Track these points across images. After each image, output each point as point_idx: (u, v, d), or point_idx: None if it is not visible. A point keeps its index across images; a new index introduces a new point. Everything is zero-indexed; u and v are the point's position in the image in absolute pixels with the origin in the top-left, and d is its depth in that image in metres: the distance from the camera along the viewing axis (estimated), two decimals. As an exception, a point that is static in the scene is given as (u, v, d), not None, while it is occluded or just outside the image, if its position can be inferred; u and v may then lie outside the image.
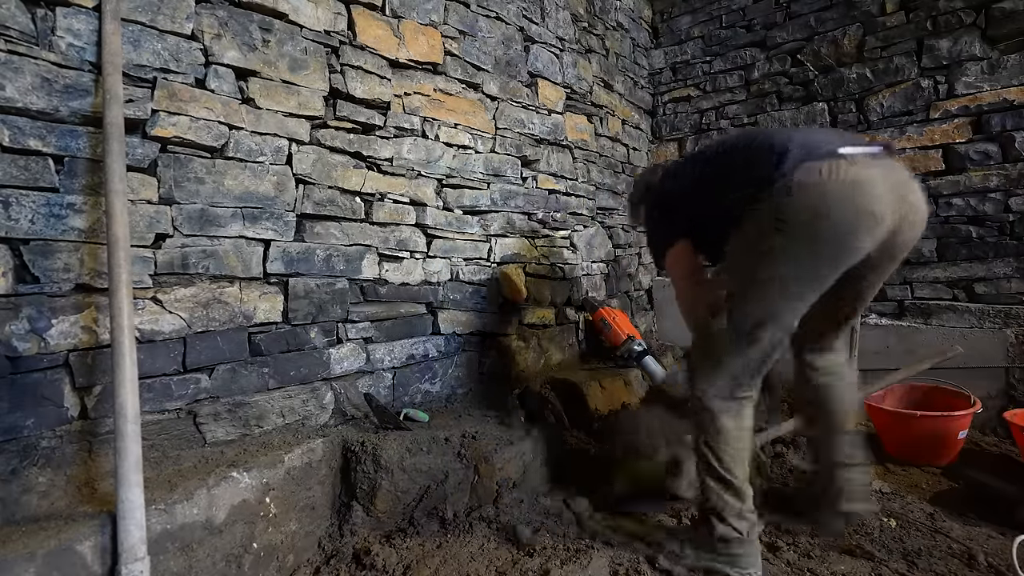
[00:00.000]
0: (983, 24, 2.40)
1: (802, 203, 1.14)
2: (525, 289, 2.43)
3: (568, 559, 1.29)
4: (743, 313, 1.25)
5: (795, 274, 1.20)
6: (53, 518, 1.05)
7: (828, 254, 1.17)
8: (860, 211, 1.13)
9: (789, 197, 1.15)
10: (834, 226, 1.13)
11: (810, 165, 1.14)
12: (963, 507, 1.68)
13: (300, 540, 1.37)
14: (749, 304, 1.25)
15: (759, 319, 1.24)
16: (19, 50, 1.13)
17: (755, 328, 1.24)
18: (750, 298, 1.25)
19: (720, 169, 1.36)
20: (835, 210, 1.13)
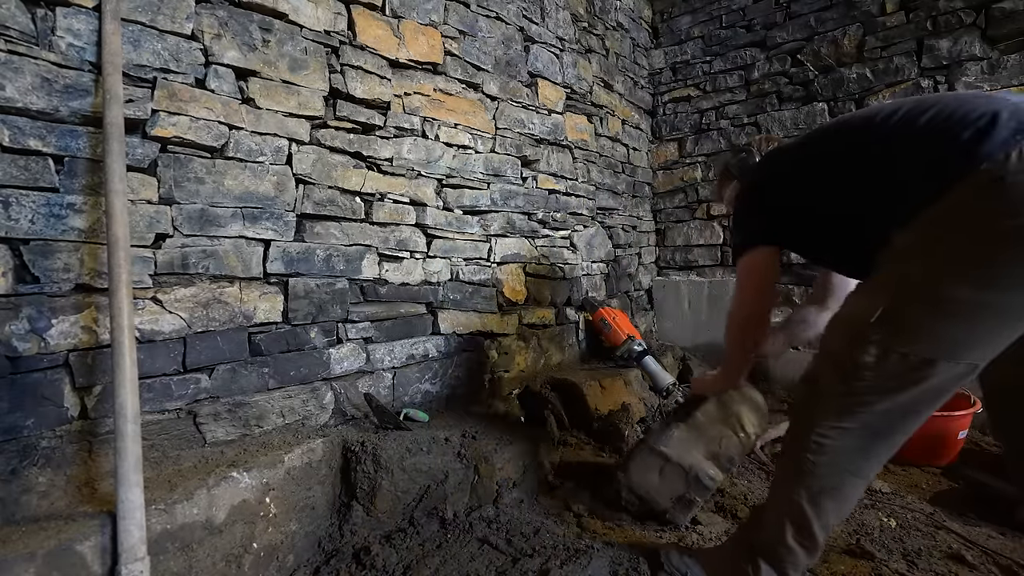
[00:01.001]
0: (983, 24, 2.40)
1: (1015, 195, 0.83)
2: (525, 289, 2.43)
3: (568, 559, 1.29)
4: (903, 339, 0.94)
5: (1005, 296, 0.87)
6: (53, 518, 1.05)
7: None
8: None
9: (998, 187, 0.84)
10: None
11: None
12: (963, 507, 1.68)
13: (300, 540, 1.37)
14: (922, 341, 0.93)
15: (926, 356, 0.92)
16: (19, 50, 1.13)
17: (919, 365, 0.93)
18: (924, 325, 0.93)
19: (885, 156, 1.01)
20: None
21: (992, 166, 0.85)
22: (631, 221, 3.29)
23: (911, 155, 0.97)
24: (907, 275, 0.95)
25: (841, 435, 1.03)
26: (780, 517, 1.11)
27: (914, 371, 0.94)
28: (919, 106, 1.00)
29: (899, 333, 0.94)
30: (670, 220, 3.49)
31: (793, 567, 1.11)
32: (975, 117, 0.91)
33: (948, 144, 0.91)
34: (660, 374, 2.40)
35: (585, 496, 1.68)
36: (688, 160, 3.40)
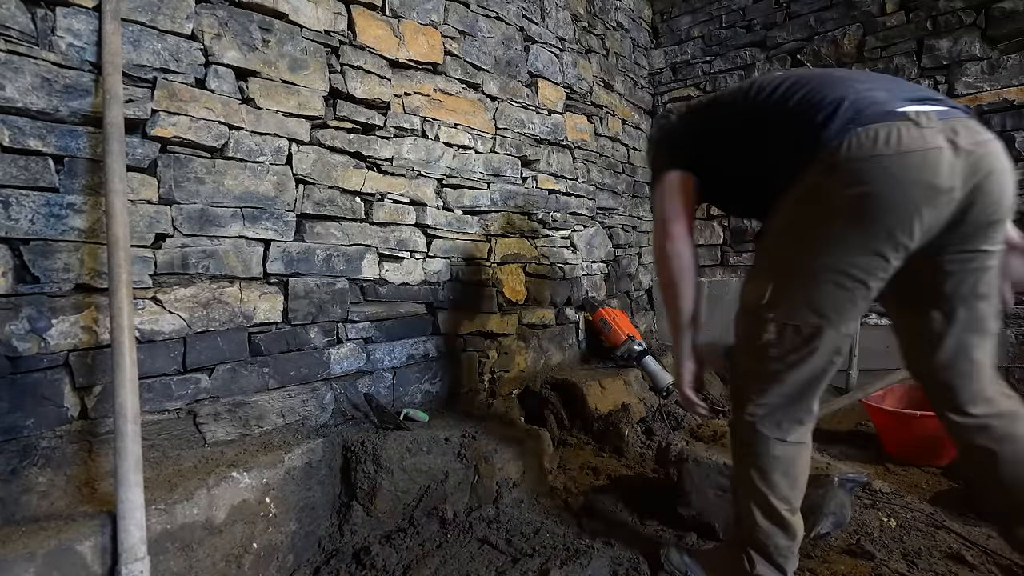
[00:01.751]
0: (983, 24, 2.41)
1: (854, 177, 0.93)
2: (525, 289, 2.43)
3: (568, 559, 1.29)
4: (789, 313, 1.04)
5: (846, 263, 0.98)
6: (53, 518, 1.05)
7: (884, 233, 0.94)
8: (926, 183, 0.92)
9: (834, 172, 0.95)
10: (894, 204, 0.92)
11: (865, 132, 0.93)
12: (963, 507, 1.68)
13: (300, 540, 1.37)
14: (788, 300, 1.04)
15: (813, 323, 1.02)
16: (19, 50, 1.13)
17: (806, 330, 1.03)
18: (794, 289, 1.04)
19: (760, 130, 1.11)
20: (894, 185, 0.92)
21: (828, 153, 0.96)
22: (631, 221, 3.29)
23: (783, 132, 1.07)
24: (779, 253, 1.09)
25: (766, 410, 1.12)
26: (747, 504, 1.17)
27: (808, 341, 1.04)
28: (796, 84, 1.08)
29: (786, 308, 1.05)
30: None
31: (776, 550, 1.15)
32: (826, 103, 0.99)
33: (805, 127, 1.00)
34: (660, 374, 2.40)
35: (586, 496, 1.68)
36: (688, 160, 3.39)
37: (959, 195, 0.95)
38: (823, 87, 1.03)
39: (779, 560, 1.16)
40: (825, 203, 0.98)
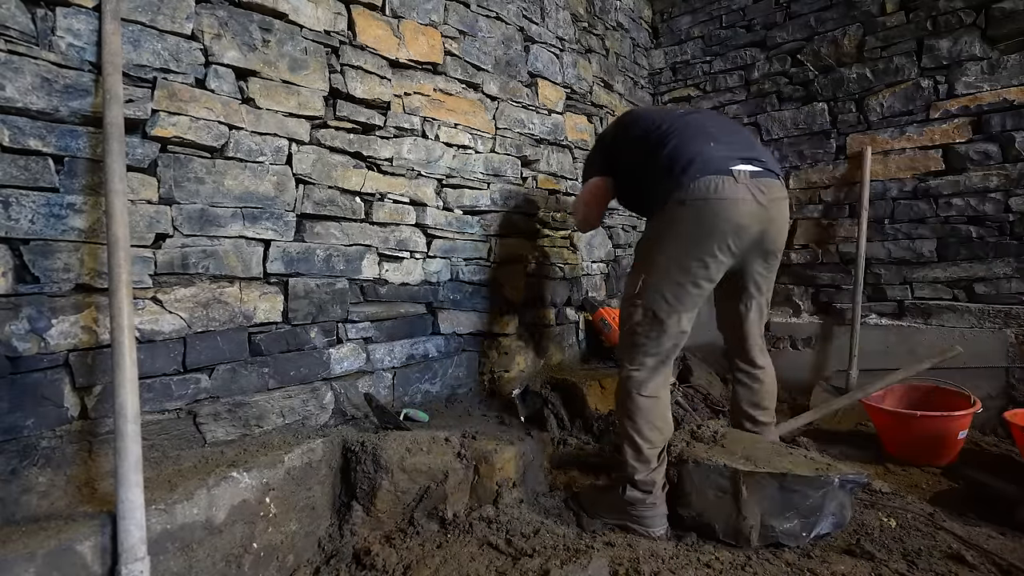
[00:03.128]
0: (983, 24, 2.40)
1: (693, 211, 1.42)
2: (525, 289, 2.43)
3: (568, 559, 1.29)
4: (650, 300, 1.49)
5: (683, 266, 1.45)
6: (53, 518, 1.05)
7: (707, 252, 1.43)
8: (734, 222, 1.42)
9: (682, 207, 1.43)
10: (714, 231, 1.41)
11: (703, 180, 1.40)
12: (963, 507, 1.68)
13: (300, 540, 1.37)
14: (652, 286, 1.49)
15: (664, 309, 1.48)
16: (19, 50, 1.13)
17: (660, 314, 1.48)
18: (653, 281, 1.49)
19: (645, 161, 1.58)
20: (713, 220, 1.41)
21: (681, 192, 1.42)
22: (631, 221, 3.29)
23: (657, 168, 1.51)
24: (646, 257, 1.53)
25: (638, 372, 1.53)
26: (623, 447, 1.54)
27: (662, 323, 1.48)
28: (673, 133, 1.52)
29: (648, 296, 1.49)
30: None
31: (640, 477, 1.50)
32: (685, 157, 1.44)
33: (670, 171, 1.45)
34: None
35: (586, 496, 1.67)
36: (688, 160, 3.39)
37: (755, 231, 1.46)
38: (688, 141, 1.49)
39: (644, 488, 1.49)
40: (676, 225, 1.45)
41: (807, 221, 2.94)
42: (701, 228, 1.41)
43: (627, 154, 1.69)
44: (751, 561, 1.37)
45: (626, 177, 1.72)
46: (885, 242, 2.68)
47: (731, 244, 1.43)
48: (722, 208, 1.40)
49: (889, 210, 2.68)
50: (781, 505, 1.42)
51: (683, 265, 1.44)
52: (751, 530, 1.42)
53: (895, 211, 2.67)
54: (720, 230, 1.40)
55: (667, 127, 1.55)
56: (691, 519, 1.50)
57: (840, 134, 2.81)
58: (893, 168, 2.66)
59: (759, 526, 1.42)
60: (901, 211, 2.65)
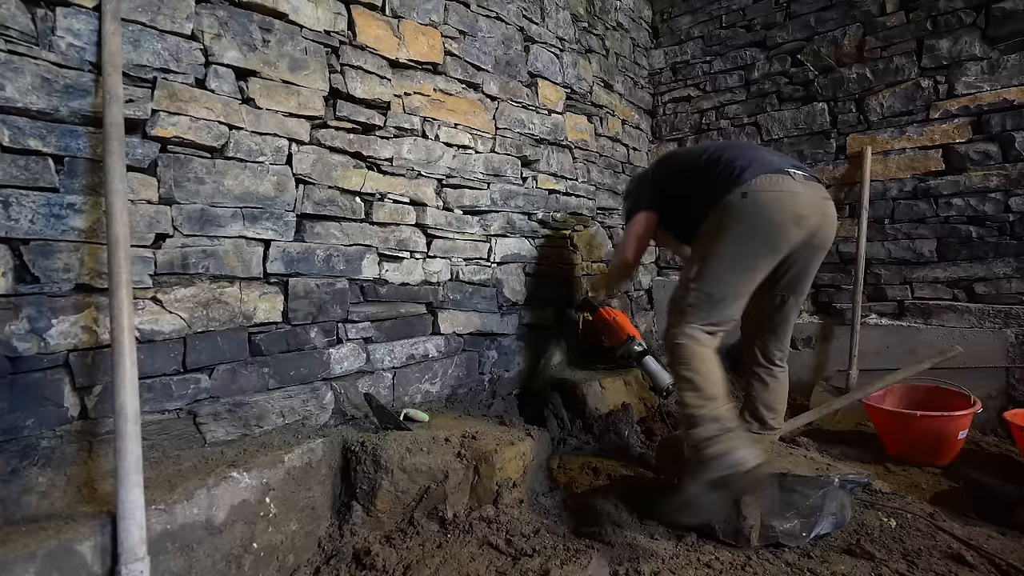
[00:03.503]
0: (983, 24, 2.40)
1: (755, 201, 1.54)
2: (525, 289, 2.43)
3: (568, 559, 1.29)
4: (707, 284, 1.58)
5: (744, 251, 1.57)
6: (53, 518, 1.05)
7: (770, 239, 1.56)
8: (793, 211, 1.54)
9: (744, 198, 1.54)
10: (776, 219, 1.54)
11: (764, 176, 1.55)
12: (963, 507, 1.68)
13: (300, 540, 1.37)
14: (709, 272, 1.58)
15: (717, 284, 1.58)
16: (19, 50, 1.13)
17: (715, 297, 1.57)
18: (710, 267, 1.59)
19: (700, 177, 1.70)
20: (777, 208, 1.54)
21: (741, 186, 1.56)
22: (631, 221, 3.29)
23: (708, 183, 1.65)
24: (706, 244, 1.62)
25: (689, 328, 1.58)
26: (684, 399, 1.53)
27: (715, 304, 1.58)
28: (717, 153, 1.69)
29: (705, 281, 1.58)
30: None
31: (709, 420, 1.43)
32: (741, 161, 1.60)
33: (728, 174, 1.60)
34: (660, 374, 2.39)
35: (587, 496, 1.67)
36: (688, 160, 3.40)
37: (813, 222, 1.58)
38: (742, 153, 1.65)
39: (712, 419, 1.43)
40: (738, 215, 1.55)
41: (807, 221, 2.94)
42: (763, 217, 1.53)
43: (676, 182, 1.82)
44: (751, 561, 1.37)
45: (675, 203, 1.83)
46: (885, 242, 2.68)
47: (791, 233, 1.54)
48: (784, 197, 1.54)
49: (889, 210, 2.68)
50: (781, 505, 1.42)
51: (744, 251, 1.56)
52: (751, 530, 1.42)
53: (895, 211, 2.67)
54: (781, 219, 1.53)
55: (715, 149, 1.72)
56: (691, 519, 1.50)
57: (840, 134, 2.81)
58: (893, 168, 2.66)
59: (759, 526, 1.43)
60: (901, 211, 2.65)
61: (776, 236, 1.54)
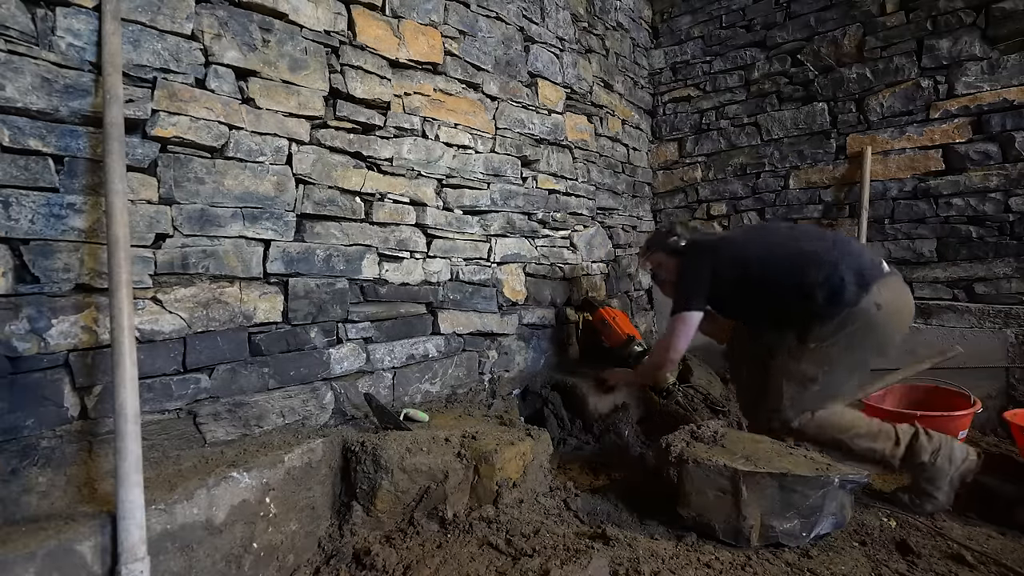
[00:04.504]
0: (983, 24, 2.40)
1: (887, 312, 1.65)
2: (525, 289, 2.43)
3: (568, 559, 1.29)
4: (832, 383, 1.72)
5: (871, 356, 1.75)
6: (53, 518, 1.05)
7: (894, 341, 1.72)
8: (910, 316, 1.74)
9: (879, 310, 1.64)
10: (902, 327, 1.72)
11: (882, 284, 1.66)
12: (963, 507, 1.68)
13: (300, 540, 1.37)
14: (837, 379, 1.72)
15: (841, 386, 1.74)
16: (19, 50, 1.13)
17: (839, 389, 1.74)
18: (838, 376, 1.72)
19: (793, 281, 1.71)
20: (906, 317, 1.73)
21: (861, 306, 1.64)
22: (631, 221, 3.29)
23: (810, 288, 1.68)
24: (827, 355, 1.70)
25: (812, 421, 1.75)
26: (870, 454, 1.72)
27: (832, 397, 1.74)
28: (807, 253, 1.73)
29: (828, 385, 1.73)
30: (670, 220, 3.49)
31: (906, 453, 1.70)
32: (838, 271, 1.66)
33: (838, 290, 1.66)
34: (660, 374, 2.39)
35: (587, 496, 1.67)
36: (688, 160, 3.40)
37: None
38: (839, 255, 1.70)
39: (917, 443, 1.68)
40: (871, 327, 1.65)
41: (807, 221, 2.94)
42: (892, 326, 1.69)
43: (749, 281, 1.79)
44: (751, 561, 1.37)
45: (745, 300, 1.84)
46: (885, 242, 2.68)
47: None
48: (904, 306, 1.72)
49: (889, 210, 2.68)
50: (781, 505, 1.42)
51: (870, 357, 1.74)
52: (751, 530, 1.42)
53: (895, 211, 2.67)
54: (904, 325, 1.73)
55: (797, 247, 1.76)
56: (691, 519, 1.50)
57: (840, 134, 2.81)
58: (893, 168, 2.66)
59: (759, 526, 1.43)
60: (901, 211, 2.65)
61: (897, 337, 1.72)
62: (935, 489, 1.64)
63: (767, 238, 1.90)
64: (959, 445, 1.68)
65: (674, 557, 1.37)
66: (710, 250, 1.90)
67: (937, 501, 1.64)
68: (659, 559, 1.35)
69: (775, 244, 1.83)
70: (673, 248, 2.00)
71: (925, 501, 1.65)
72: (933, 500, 1.64)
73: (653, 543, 1.43)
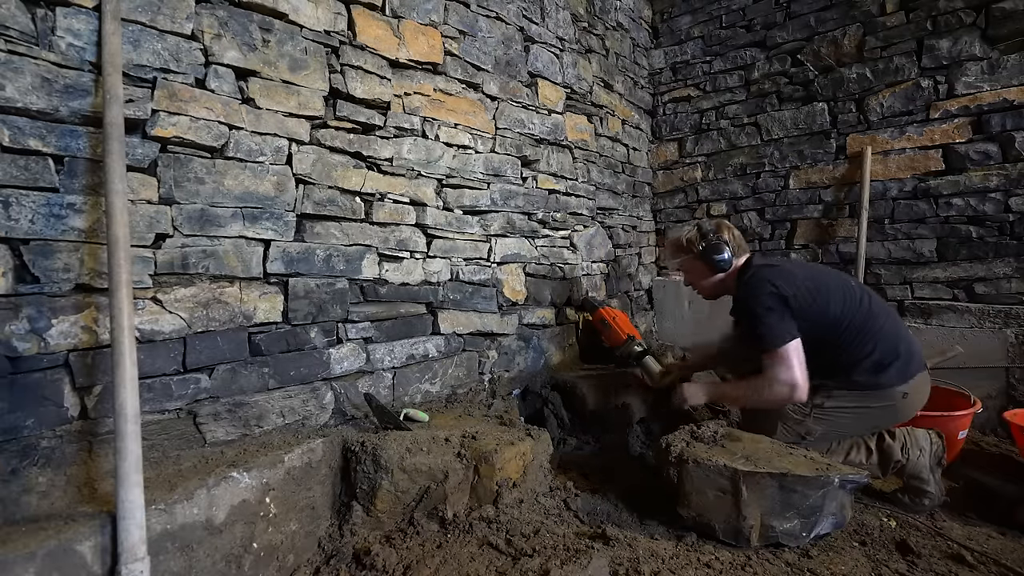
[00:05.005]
0: (983, 24, 2.40)
1: (910, 402, 1.72)
2: (525, 289, 2.43)
3: (568, 559, 1.29)
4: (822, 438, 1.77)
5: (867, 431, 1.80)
6: (53, 518, 1.05)
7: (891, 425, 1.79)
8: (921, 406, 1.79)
9: (905, 399, 1.70)
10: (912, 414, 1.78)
11: (920, 377, 1.73)
12: (963, 507, 1.68)
13: (300, 540, 1.37)
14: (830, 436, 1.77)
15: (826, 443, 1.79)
16: (19, 50, 1.13)
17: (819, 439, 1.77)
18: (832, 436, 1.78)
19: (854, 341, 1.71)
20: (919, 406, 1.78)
21: (895, 391, 1.70)
22: (631, 221, 3.29)
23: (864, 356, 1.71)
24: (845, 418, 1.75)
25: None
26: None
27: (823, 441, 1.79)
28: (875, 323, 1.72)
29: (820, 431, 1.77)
30: (670, 220, 3.50)
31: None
32: (897, 353, 1.70)
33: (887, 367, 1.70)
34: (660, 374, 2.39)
35: (587, 496, 1.67)
36: (688, 160, 3.40)
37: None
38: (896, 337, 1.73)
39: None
40: (892, 410, 1.72)
41: (807, 221, 2.94)
42: (905, 413, 1.75)
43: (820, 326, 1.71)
44: (751, 561, 1.37)
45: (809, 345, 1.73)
46: (885, 242, 2.69)
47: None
48: (922, 398, 1.76)
49: (889, 210, 2.68)
50: (781, 505, 1.42)
51: (862, 430, 1.79)
52: (751, 530, 1.42)
53: (895, 211, 2.67)
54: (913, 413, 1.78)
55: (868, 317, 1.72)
56: (691, 519, 1.50)
57: (840, 134, 2.82)
58: (893, 168, 2.66)
59: (759, 526, 1.43)
60: (901, 211, 2.65)
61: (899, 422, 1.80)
62: (923, 483, 1.68)
63: (843, 294, 1.74)
64: (919, 431, 1.76)
65: (674, 557, 1.37)
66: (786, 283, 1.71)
67: (931, 493, 1.67)
68: (659, 559, 1.35)
69: (852, 307, 1.72)
70: (717, 266, 1.87)
71: (921, 497, 1.68)
72: (927, 494, 1.67)
73: (653, 543, 1.43)
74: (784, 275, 1.73)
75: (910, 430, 1.77)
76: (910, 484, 1.71)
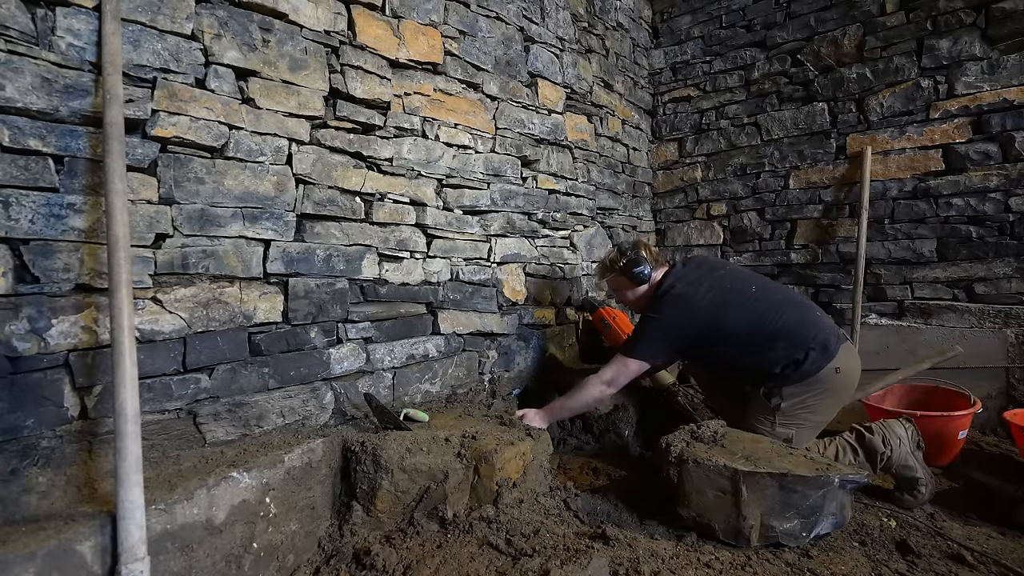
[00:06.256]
0: (983, 24, 2.41)
1: (845, 376, 1.79)
2: (525, 289, 2.43)
3: (568, 559, 1.29)
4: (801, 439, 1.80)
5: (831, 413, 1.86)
6: (53, 518, 1.05)
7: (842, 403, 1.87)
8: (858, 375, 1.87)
9: (838, 374, 1.77)
10: (854, 385, 1.87)
11: (843, 349, 1.80)
12: (963, 507, 1.68)
13: (300, 540, 1.37)
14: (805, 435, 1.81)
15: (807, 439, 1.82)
16: (19, 50, 1.13)
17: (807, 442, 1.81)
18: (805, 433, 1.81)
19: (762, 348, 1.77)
20: (856, 377, 1.86)
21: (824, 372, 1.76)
22: (631, 221, 3.29)
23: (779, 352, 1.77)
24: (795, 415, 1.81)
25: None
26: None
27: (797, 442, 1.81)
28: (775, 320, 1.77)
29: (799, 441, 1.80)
30: (670, 220, 3.50)
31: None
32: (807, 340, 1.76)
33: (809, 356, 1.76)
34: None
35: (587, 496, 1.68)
36: (688, 160, 3.40)
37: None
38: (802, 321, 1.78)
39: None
40: (833, 389, 1.79)
41: (807, 221, 2.94)
42: (848, 388, 1.83)
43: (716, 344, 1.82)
44: (751, 561, 1.37)
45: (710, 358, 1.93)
46: (885, 242, 2.69)
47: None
48: (855, 367, 1.83)
49: (889, 210, 2.68)
50: (781, 505, 1.42)
51: (831, 414, 1.85)
52: (751, 530, 1.42)
53: (895, 211, 2.67)
54: (855, 384, 1.86)
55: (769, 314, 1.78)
56: (691, 519, 1.50)
57: (840, 134, 2.82)
58: (893, 168, 2.66)
59: (759, 526, 1.43)
60: (901, 211, 2.65)
61: (847, 399, 1.88)
62: (910, 469, 1.71)
63: (741, 302, 1.80)
64: (891, 421, 1.81)
65: (674, 557, 1.37)
66: (681, 310, 1.81)
67: (920, 478, 1.69)
68: (659, 559, 1.35)
69: (750, 313, 1.78)
70: (637, 278, 1.95)
71: (915, 487, 1.69)
72: (918, 480, 1.69)
73: (653, 543, 1.43)
74: (685, 306, 1.81)
75: (885, 422, 1.80)
76: (901, 475, 1.72)
